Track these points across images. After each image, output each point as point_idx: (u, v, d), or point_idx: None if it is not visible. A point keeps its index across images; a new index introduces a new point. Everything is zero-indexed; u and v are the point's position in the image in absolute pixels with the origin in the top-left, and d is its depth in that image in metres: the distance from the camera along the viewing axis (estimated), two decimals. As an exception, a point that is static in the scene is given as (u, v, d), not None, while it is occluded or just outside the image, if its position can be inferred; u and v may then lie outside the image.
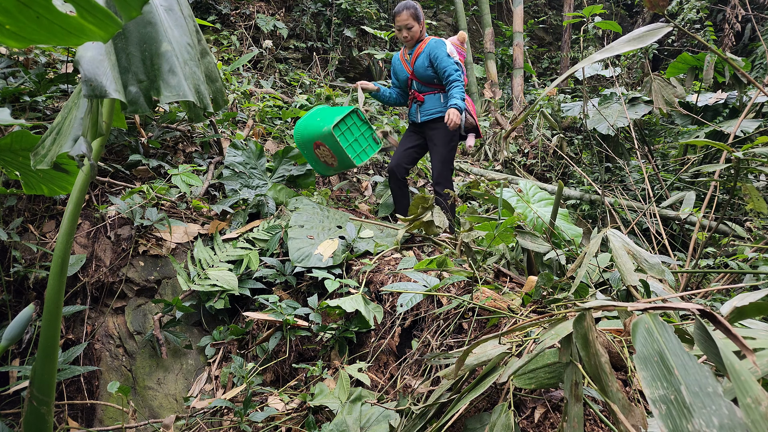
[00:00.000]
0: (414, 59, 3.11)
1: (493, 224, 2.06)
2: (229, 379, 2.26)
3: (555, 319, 0.93)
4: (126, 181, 2.87)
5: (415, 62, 3.11)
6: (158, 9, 1.07)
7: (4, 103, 2.63)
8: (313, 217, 2.82)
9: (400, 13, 3.04)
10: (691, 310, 0.62)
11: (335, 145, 2.96)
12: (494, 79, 6.78)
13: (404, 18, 3.03)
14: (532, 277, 1.93)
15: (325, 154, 3.06)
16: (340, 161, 3.05)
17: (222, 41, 5.96)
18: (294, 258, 2.49)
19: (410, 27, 3.05)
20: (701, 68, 4.18)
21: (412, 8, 3.04)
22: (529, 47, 9.97)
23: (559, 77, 1.11)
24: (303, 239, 2.61)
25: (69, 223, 1.10)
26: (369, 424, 1.60)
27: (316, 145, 3.04)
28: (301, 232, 2.66)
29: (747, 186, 2.00)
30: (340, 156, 3.02)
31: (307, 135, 3.07)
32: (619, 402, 0.71)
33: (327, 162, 3.11)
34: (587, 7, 3.59)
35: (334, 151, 3.00)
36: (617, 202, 3.51)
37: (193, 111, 1.31)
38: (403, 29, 3.09)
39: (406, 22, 3.04)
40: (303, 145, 3.13)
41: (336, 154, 3.01)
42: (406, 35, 3.07)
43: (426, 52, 3.06)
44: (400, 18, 3.03)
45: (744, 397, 0.50)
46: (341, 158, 3.03)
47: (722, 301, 1.86)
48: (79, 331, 2.39)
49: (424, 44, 3.08)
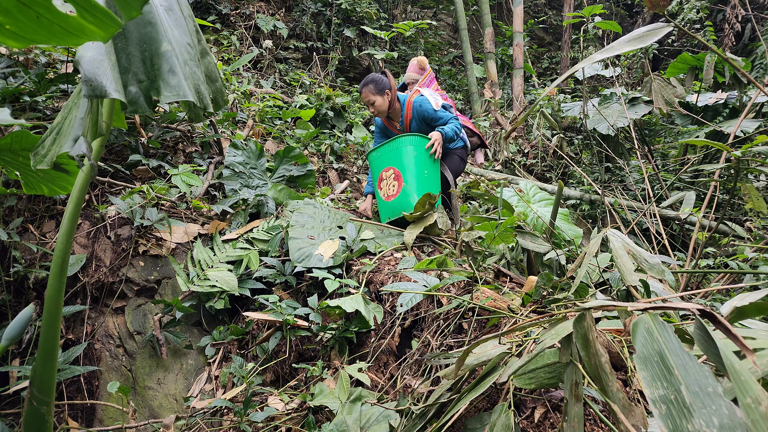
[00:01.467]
0: (407, 126, 3.08)
1: (493, 224, 2.06)
2: (229, 379, 2.26)
3: (555, 319, 0.93)
4: (126, 181, 2.87)
5: (409, 128, 3.08)
6: (158, 9, 1.07)
7: (4, 103, 2.63)
8: (314, 217, 2.81)
9: (361, 90, 3.01)
10: (691, 310, 0.62)
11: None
12: (494, 79, 6.78)
13: (365, 95, 2.99)
14: (532, 277, 1.94)
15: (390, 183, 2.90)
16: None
17: (222, 41, 5.96)
18: (294, 258, 2.48)
19: (373, 102, 2.99)
20: (701, 68, 4.18)
21: (372, 83, 2.96)
22: (529, 47, 9.98)
23: (559, 77, 1.11)
24: (304, 239, 2.61)
25: (69, 223, 1.10)
26: (369, 424, 1.60)
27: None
28: (301, 232, 2.65)
29: (747, 186, 2.00)
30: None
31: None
32: (620, 402, 0.71)
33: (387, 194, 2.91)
34: (587, 7, 3.59)
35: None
36: (617, 202, 3.51)
37: (193, 111, 1.31)
38: (369, 105, 3.05)
39: (367, 99, 3.00)
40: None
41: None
42: (372, 110, 3.04)
43: (415, 116, 3.02)
44: (363, 96, 3.01)
45: (744, 397, 0.50)
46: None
47: (722, 301, 1.86)
48: (79, 331, 2.39)
49: (408, 110, 3.03)
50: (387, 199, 2.89)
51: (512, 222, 2.00)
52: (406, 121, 3.07)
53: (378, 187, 2.96)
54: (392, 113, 3.10)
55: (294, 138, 4.30)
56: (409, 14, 8.43)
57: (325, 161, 4.31)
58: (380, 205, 2.96)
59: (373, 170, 3.04)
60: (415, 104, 3.00)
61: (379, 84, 2.96)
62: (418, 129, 3.05)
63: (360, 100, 5.98)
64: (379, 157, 2.96)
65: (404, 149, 2.83)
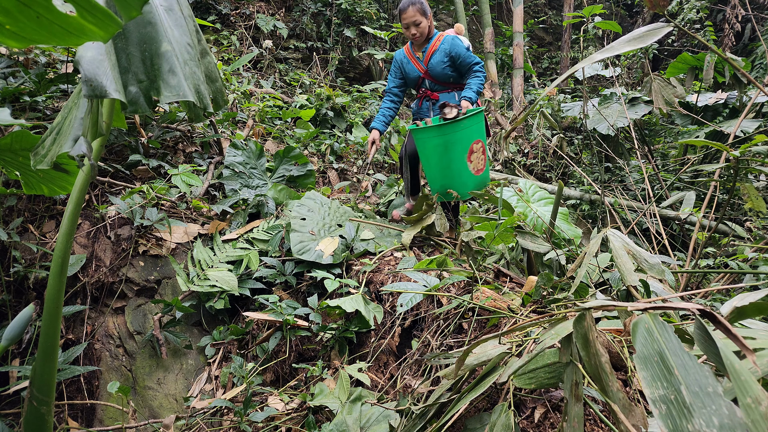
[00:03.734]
0: (428, 57, 2.90)
1: (493, 224, 2.06)
2: (229, 379, 2.26)
3: (555, 319, 0.93)
4: (126, 181, 2.87)
5: (429, 60, 2.91)
6: (158, 9, 1.07)
7: (4, 103, 2.63)
8: (315, 212, 2.82)
9: (406, 9, 2.82)
10: (692, 309, 0.62)
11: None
12: (494, 79, 6.78)
13: (411, 15, 2.81)
14: (532, 277, 1.94)
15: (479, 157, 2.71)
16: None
17: (222, 41, 5.96)
18: (295, 250, 2.50)
19: (418, 23, 2.83)
20: (701, 68, 4.18)
21: (418, 3, 2.82)
22: (529, 47, 9.98)
23: (559, 77, 1.11)
24: (305, 233, 2.63)
25: (69, 223, 1.10)
26: (369, 424, 1.60)
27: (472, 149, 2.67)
28: (303, 225, 2.67)
29: (746, 186, 2.00)
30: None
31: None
32: (620, 402, 0.71)
33: (476, 168, 2.70)
34: (587, 7, 3.59)
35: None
36: (617, 202, 3.51)
37: (193, 111, 1.31)
38: (411, 26, 2.86)
39: (413, 19, 2.82)
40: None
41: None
42: (414, 32, 2.86)
43: (442, 50, 2.87)
44: (407, 15, 2.82)
45: (744, 397, 0.50)
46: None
47: (722, 301, 1.86)
48: (79, 331, 2.39)
49: (438, 41, 2.90)
50: (476, 173, 2.70)
51: (512, 222, 2.00)
52: (429, 51, 2.90)
53: (468, 160, 2.67)
54: (421, 42, 2.95)
55: (294, 138, 4.30)
56: (409, 14, 8.41)
57: (325, 161, 4.31)
58: (466, 179, 2.68)
59: (461, 140, 2.63)
60: (447, 38, 2.88)
61: (424, 5, 2.84)
62: (439, 64, 2.87)
63: (361, 101, 5.95)
64: (469, 127, 2.62)
65: (482, 123, 2.69)
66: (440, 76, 2.91)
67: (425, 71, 2.93)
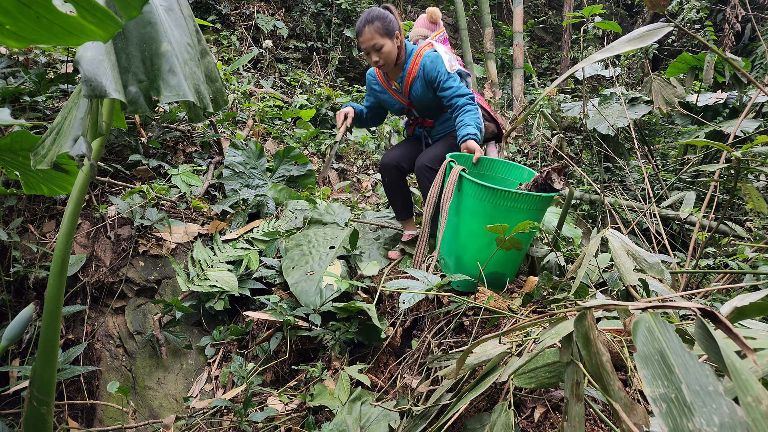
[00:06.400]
0: (407, 88, 2.28)
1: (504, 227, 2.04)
2: (229, 379, 2.26)
3: (555, 319, 0.93)
4: (126, 181, 2.87)
5: (410, 92, 2.28)
6: (158, 9, 1.07)
7: (4, 103, 2.63)
8: (304, 247, 2.61)
9: (362, 31, 2.12)
10: (692, 309, 0.62)
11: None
12: (494, 79, 6.78)
13: (368, 37, 2.11)
14: (532, 278, 1.94)
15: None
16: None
17: (222, 41, 5.96)
18: (308, 303, 2.24)
19: (379, 47, 2.12)
20: (701, 68, 4.18)
21: (378, 20, 2.10)
22: (529, 47, 9.98)
23: (560, 77, 1.11)
24: (305, 280, 2.38)
25: (69, 223, 1.10)
26: (369, 424, 1.60)
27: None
28: (298, 274, 2.43)
29: (747, 186, 2.00)
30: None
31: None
32: (621, 400, 0.71)
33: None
34: (587, 7, 3.59)
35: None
36: (617, 202, 3.51)
37: (193, 111, 1.31)
38: (371, 52, 2.15)
39: (372, 42, 2.11)
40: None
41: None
42: (377, 59, 2.15)
43: (420, 76, 2.23)
44: (363, 38, 2.12)
45: (745, 396, 0.50)
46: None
47: (722, 301, 1.86)
48: (79, 331, 2.39)
49: (415, 64, 2.23)
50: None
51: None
52: (407, 81, 2.25)
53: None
54: (393, 68, 2.26)
55: (294, 138, 4.30)
56: (409, 14, 8.43)
57: (325, 161, 4.31)
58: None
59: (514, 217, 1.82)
60: (425, 59, 2.20)
61: (387, 23, 2.10)
62: (421, 95, 2.26)
63: (361, 101, 5.91)
64: (535, 209, 1.86)
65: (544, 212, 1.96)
66: (430, 108, 2.34)
67: (409, 102, 2.35)
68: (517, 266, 2.00)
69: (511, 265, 1.96)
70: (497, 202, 1.79)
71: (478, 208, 1.84)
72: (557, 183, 1.78)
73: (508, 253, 1.86)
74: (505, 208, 1.79)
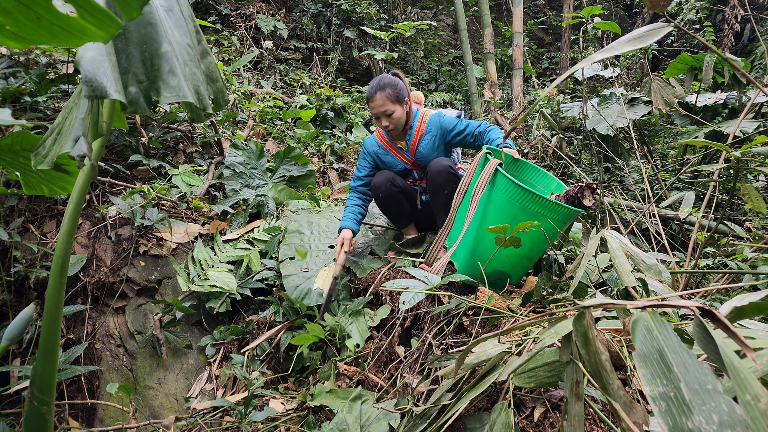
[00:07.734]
0: (414, 146, 2.36)
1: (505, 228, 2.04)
2: (229, 379, 2.26)
3: (555, 318, 0.93)
4: (127, 181, 2.88)
5: (416, 150, 2.37)
6: (158, 9, 1.07)
7: (4, 104, 2.63)
8: (303, 242, 2.64)
9: (373, 97, 2.21)
10: (691, 308, 0.62)
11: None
12: (494, 79, 6.78)
13: (379, 104, 2.21)
14: (532, 277, 1.94)
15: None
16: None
17: (222, 42, 5.96)
18: (294, 296, 2.32)
19: (390, 113, 2.22)
20: (700, 68, 4.18)
21: (389, 87, 2.20)
22: (529, 48, 9.98)
23: (559, 78, 1.11)
24: (298, 274, 2.42)
25: (69, 223, 1.10)
26: (369, 423, 1.60)
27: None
28: (294, 266, 2.47)
29: (746, 186, 2.00)
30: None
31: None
32: (621, 399, 0.71)
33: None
34: (587, 8, 3.59)
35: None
36: (617, 202, 3.51)
37: (193, 111, 1.31)
38: (381, 117, 2.24)
39: (383, 109, 2.21)
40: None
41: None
42: (387, 124, 2.25)
43: (431, 134, 2.34)
44: (374, 104, 2.22)
45: (744, 394, 0.50)
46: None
47: (721, 301, 1.86)
48: (79, 331, 2.39)
49: (422, 123, 2.35)
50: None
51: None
52: (415, 138, 2.35)
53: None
54: (400, 133, 2.40)
55: (294, 138, 4.31)
56: (409, 15, 8.44)
57: (326, 161, 4.31)
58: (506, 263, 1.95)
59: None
60: (433, 117, 2.36)
61: (397, 90, 2.23)
62: (431, 149, 2.35)
63: (361, 101, 5.91)
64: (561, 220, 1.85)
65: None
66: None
67: (413, 162, 2.42)
68: (524, 272, 2.00)
69: (519, 269, 1.95)
70: (526, 204, 1.76)
71: (505, 205, 1.80)
72: (587, 200, 1.77)
73: (518, 256, 1.86)
74: (532, 211, 1.76)
